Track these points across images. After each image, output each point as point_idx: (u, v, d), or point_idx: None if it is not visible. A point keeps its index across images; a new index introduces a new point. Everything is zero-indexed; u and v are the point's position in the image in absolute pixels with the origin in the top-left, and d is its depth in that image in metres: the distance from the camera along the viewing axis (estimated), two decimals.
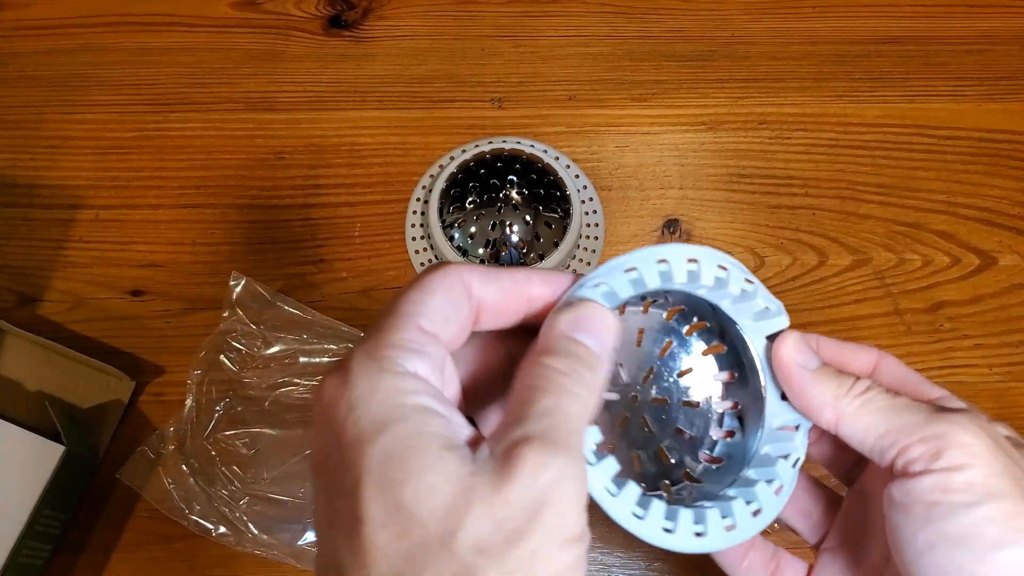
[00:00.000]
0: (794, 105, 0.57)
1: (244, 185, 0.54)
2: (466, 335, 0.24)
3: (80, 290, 0.51)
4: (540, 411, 0.20)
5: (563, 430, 0.20)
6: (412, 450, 0.19)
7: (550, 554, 0.19)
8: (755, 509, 0.25)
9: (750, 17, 0.60)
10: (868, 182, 0.55)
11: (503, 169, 0.51)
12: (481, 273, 0.23)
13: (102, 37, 0.59)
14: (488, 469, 0.19)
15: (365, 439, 0.19)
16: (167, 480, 0.45)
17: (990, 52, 0.59)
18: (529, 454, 0.19)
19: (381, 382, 0.20)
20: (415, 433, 0.19)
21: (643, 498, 0.24)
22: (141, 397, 0.49)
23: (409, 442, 0.19)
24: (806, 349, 0.26)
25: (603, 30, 0.59)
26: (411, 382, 0.20)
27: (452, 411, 0.21)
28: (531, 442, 0.19)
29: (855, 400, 0.25)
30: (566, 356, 0.22)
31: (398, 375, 0.20)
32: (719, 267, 0.25)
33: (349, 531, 0.19)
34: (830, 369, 0.26)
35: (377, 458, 0.19)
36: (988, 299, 0.52)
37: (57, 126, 0.56)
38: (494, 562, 0.18)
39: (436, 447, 0.19)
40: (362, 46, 0.59)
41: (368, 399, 0.20)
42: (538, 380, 0.21)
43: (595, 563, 0.45)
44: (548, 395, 0.21)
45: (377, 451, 0.19)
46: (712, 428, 0.29)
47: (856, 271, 0.52)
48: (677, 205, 0.54)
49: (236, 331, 0.48)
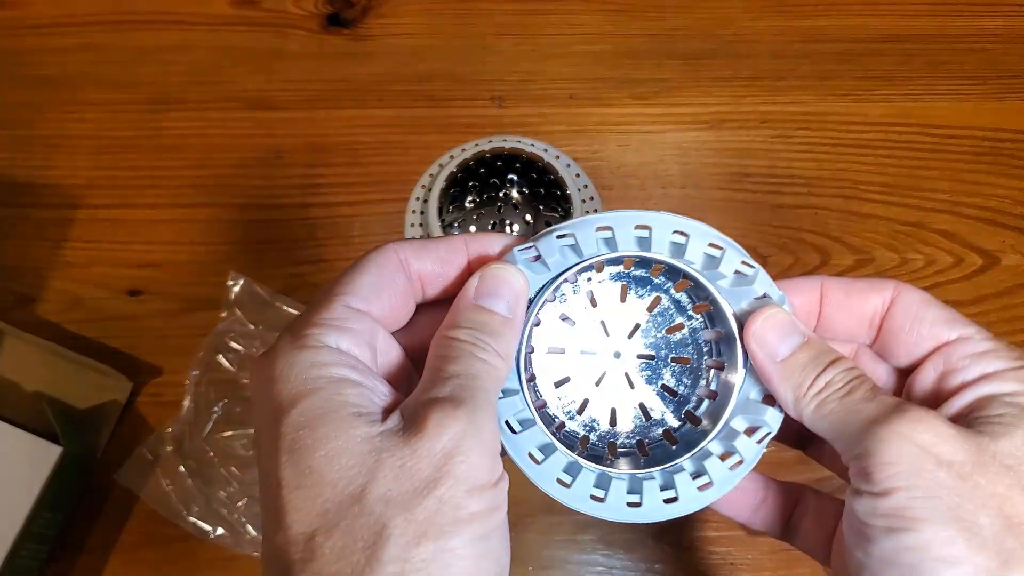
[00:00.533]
0: (796, 104, 0.57)
1: (242, 184, 0.54)
2: (409, 307, 0.25)
3: (78, 290, 0.51)
4: (445, 376, 0.22)
5: (468, 389, 0.22)
6: (322, 418, 0.21)
7: (458, 500, 0.20)
8: (704, 483, 0.25)
9: (752, 15, 0.59)
10: (871, 181, 0.54)
11: (503, 168, 0.51)
12: (417, 246, 0.25)
13: (100, 36, 0.58)
14: (397, 430, 0.21)
15: (283, 410, 0.21)
16: (165, 481, 0.44)
17: (993, 51, 0.58)
18: (434, 412, 0.21)
19: (299, 357, 0.22)
20: (325, 401, 0.21)
21: (573, 466, 0.25)
22: (139, 398, 0.48)
23: (320, 410, 0.21)
24: (778, 331, 0.25)
25: (604, 28, 0.59)
26: (328, 355, 0.22)
27: (374, 381, 0.23)
28: (437, 402, 0.21)
29: (812, 401, 0.24)
30: (470, 326, 0.23)
31: (316, 350, 0.22)
32: (711, 245, 0.25)
33: (270, 496, 0.21)
34: (798, 359, 0.25)
35: (291, 426, 0.21)
36: (991, 299, 0.51)
37: (55, 125, 0.55)
38: (402, 511, 0.20)
39: (346, 414, 0.21)
40: (361, 44, 0.58)
41: (287, 374, 0.22)
42: (445, 350, 0.23)
43: (596, 564, 0.45)
44: (454, 363, 0.23)
45: (291, 420, 0.21)
46: (699, 387, 0.28)
47: (859, 271, 0.52)
48: (679, 204, 0.54)
49: (234, 331, 0.48)
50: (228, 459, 0.45)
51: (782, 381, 0.25)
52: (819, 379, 0.24)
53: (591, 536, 0.45)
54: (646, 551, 0.45)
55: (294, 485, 0.20)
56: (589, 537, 0.45)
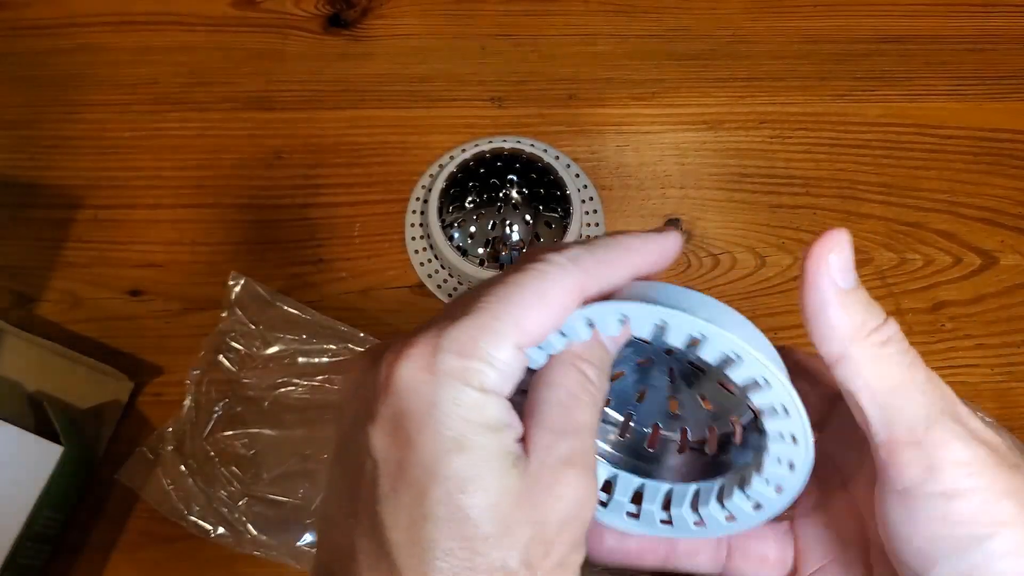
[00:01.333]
0: (795, 104, 0.57)
1: (243, 185, 0.54)
2: None
3: (78, 290, 0.51)
4: (574, 428, 0.21)
5: (590, 453, 0.22)
6: (483, 467, 0.20)
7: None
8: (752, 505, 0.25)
9: (751, 16, 0.60)
10: (869, 181, 0.55)
11: (503, 168, 0.51)
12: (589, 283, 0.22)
13: (100, 37, 0.58)
14: (535, 484, 0.20)
15: (444, 449, 0.19)
16: (166, 481, 0.44)
17: (992, 51, 0.59)
18: (571, 475, 0.21)
19: (465, 395, 0.20)
20: (488, 454, 0.20)
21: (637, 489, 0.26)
22: (140, 397, 0.48)
23: (482, 463, 0.20)
24: (848, 262, 0.22)
25: (603, 29, 0.59)
26: (494, 403, 0.20)
27: (516, 419, 0.21)
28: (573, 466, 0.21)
29: (871, 349, 0.21)
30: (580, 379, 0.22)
31: (485, 394, 0.20)
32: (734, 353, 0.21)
33: (408, 526, 0.20)
34: (863, 295, 0.22)
35: (453, 470, 0.19)
36: (990, 299, 0.52)
37: (55, 126, 0.56)
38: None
39: (505, 465, 0.20)
40: (361, 45, 0.58)
41: (450, 410, 0.20)
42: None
43: (595, 564, 0.45)
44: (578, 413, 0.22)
45: (454, 466, 0.19)
46: (734, 414, 0.27)
47: (858, 271, 0.52)
48: (678, 204, 0.54)
49: (235, 331, 0.48)
50: (229, 459, 0.45)
51: (843, 310, 0.21)
52: (884, 328, 0.21)
53: None
54: None
55: (443, 523, 0.19)
56: None
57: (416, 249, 0.52)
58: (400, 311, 0.51)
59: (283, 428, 0.46)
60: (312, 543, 0.44)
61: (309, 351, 0.48)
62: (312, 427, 0.46)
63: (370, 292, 0.51)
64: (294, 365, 0.47)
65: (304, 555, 0.43)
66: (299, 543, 0.44)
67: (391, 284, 0.51)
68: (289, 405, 0.47)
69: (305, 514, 0.44)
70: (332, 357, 0.48)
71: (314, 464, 0.46)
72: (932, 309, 0.51)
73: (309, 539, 0.44)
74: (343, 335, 0.48)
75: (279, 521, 0.44)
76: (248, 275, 0.49)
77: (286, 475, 0.45)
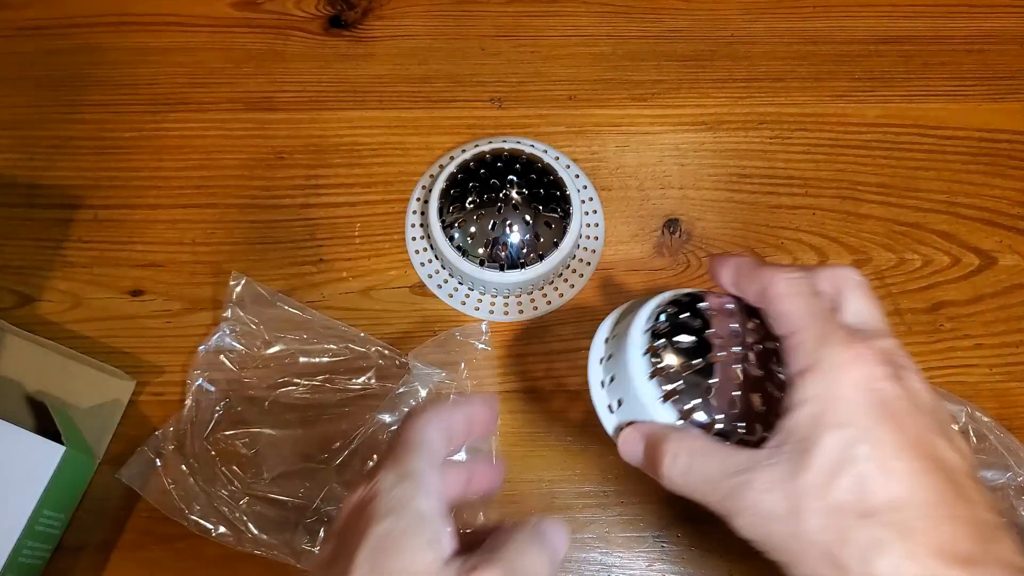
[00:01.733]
0: (794, 105, 0.57)
1: (244, 185, 0.54)
2: None
3: (80, 290, 0.51)
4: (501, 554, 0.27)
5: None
6: (405, 536, 0.26)
7: None
8: None
9: (750, 17, 0.60)
10: (868, 182, 0.55)
11: (503, 169, 0.51)
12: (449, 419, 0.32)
13: (101, 37, 0.59)
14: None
15: (376, 518, 0.26)
16: (167, 480, 0.45)
17: (990, 52, 0.59)
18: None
19: (401, 484, 0.28)
20: (410, 526, 0.26)
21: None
22: (141, 397, 0.49)
23: (404, 531, 0.26)
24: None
25: (603, 30, 0.59)
26: (424, 492, 0.28)
27: (448, 521, 0.27)
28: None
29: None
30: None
31: (418, 484, 0.28)
32: None
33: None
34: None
35: (378, 534, 0.26)
36: (988, 299, 0.52)
37: (56, 126, 0.56)
38: None
39: (424, 540, 0.26)
40: (362, 46, 0.59)
41: (388, 493, 0.27)
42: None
43: (594, 563, 0.45)
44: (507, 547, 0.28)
45: (380, 529, 0.26)
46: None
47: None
48: (677, 205, 0.54)
49: (236, 331, 0.48)
50: (230, 458, 0.46)
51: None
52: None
53: (590, 534, 0.45)
54: (644, 548, 0.45)
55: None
56: (588, 535, 0.45)
57: (417, 249, 0.52)
58: (400, 311, 0.51)
59: (284, 427, 0.46)
60: (311, 543, 0.44)
61: (310, 351, 0.48)
62: (312, 427, 0.46)
63: (370, 292, 0.51)
64: (295, 365, 0.48)
65: (304, 554, 0.44)
66: (299, 542, 0.44)
67: (391, 284, 0.52)
68: (290, 405, 0.47)
69: (306, 513, 0.44)
70: (332, 357, 0.48)
71: (314, 464, 0.46)
72: (931, 309, 0.51)
73: (309, 538, 0.44)
74: (344, 335, 0.48)
75: (280, 520, 0.44)
76: (249, 275, 0.49)
77: (287, 474, 0.45)
